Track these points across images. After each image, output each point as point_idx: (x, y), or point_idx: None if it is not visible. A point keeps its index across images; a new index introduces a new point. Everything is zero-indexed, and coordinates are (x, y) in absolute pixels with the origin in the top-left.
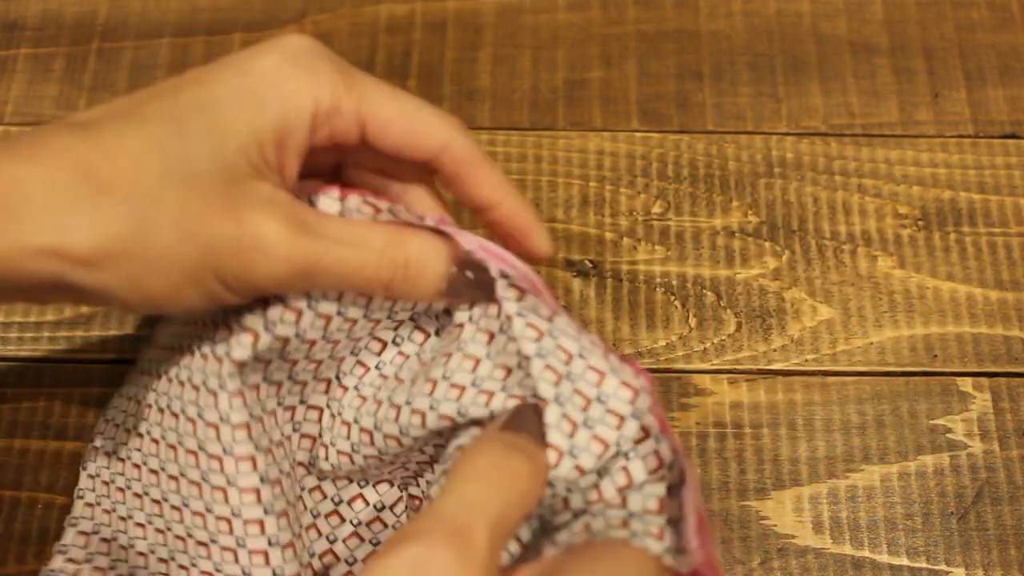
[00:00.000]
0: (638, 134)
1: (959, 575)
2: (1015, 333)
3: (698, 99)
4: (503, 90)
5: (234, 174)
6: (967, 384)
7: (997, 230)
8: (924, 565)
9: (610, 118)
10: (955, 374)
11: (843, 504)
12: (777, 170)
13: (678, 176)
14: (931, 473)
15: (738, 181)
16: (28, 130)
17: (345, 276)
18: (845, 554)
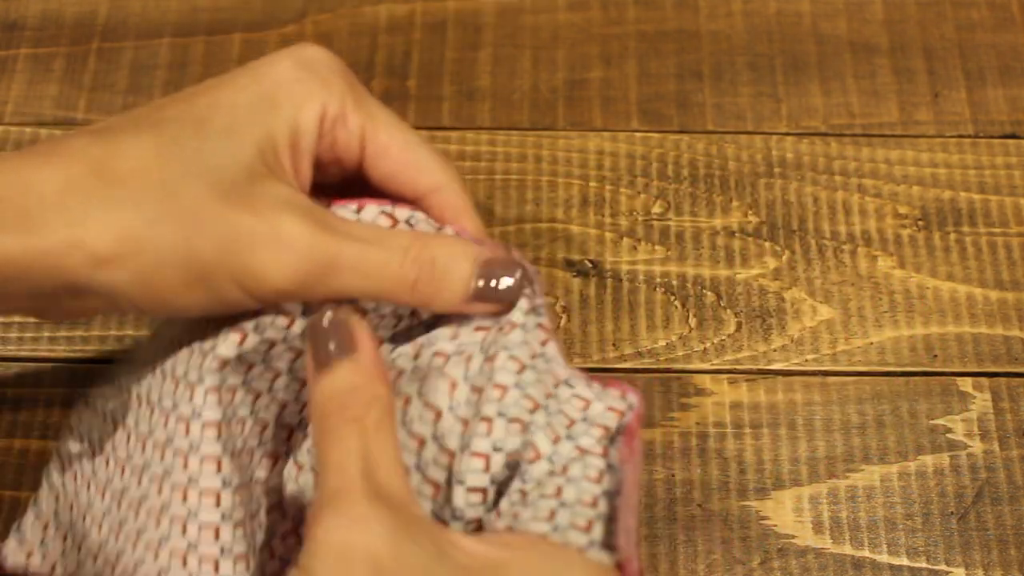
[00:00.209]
0: (638, 134)
1: (959, 575)
2: (1015, 333)
3: (698, 99)
4: (503, 90)
5: (252, 173)
6: (967, 384)
7: (997, 230)
8: (924, 565)
9: (610, 118)
10: (955, 374)
11: (843, 504)
12: (777, 170)
13: (678, 176)
14: (931, 473)
15: (738, 181)
16: (46, 138)
17: (368, 273)
18: (845, 554)
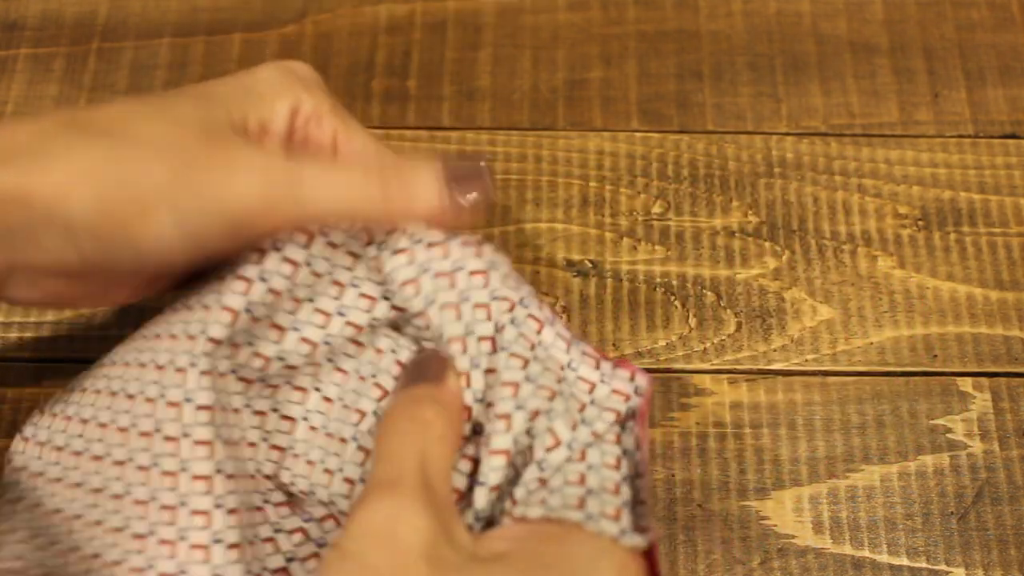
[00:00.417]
0: (638, 134)
1: (959, 575)
2: (1015, 333)
3: (698, 99)
4: (503, 90)
5: (222, 127)
6: (967, 384)
7: (997, 230)
8: (924, 565)
9: (610, 118)
10: (955, 374)
11: (843, 504)
12: (777, 170)
13: (678, 176)
14: (931, 473)
15: (738, 181)
16: None
17: (335, 186)
18: (845, 554)
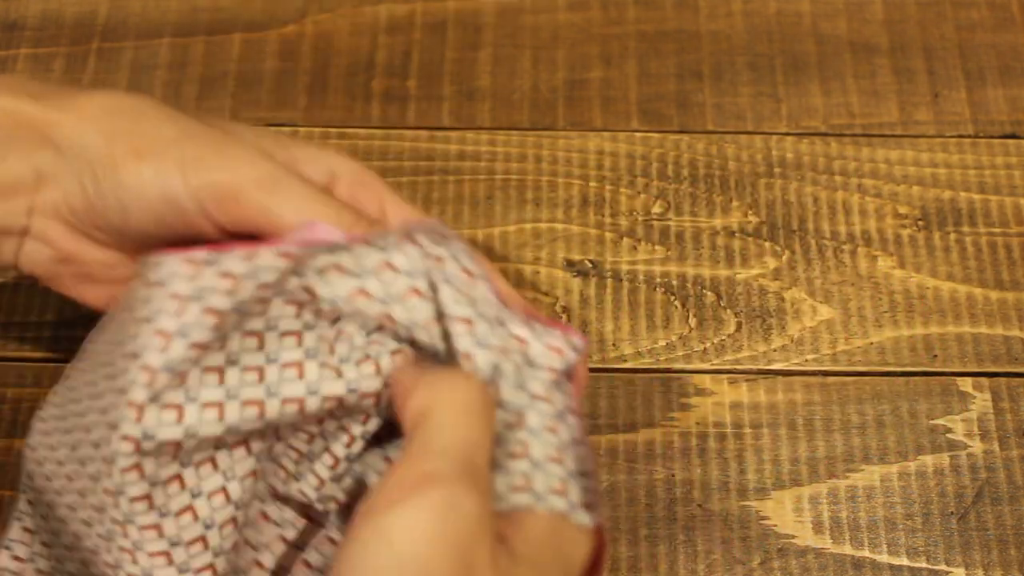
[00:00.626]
0: (638, 134)
1: (959, 575)
2: (1015, 333)
3: (698, 99)
4: (503, 90)
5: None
6: (967, 384)
7: (997, 230)
8: (924, 565)
9: (610, 118)
10: (955, 374)
11: (843, 504)
12: (777, 170)
13: (678, 176)
14: (931, 473)
15: (738, 181)
16: None
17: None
18: (845, 554)
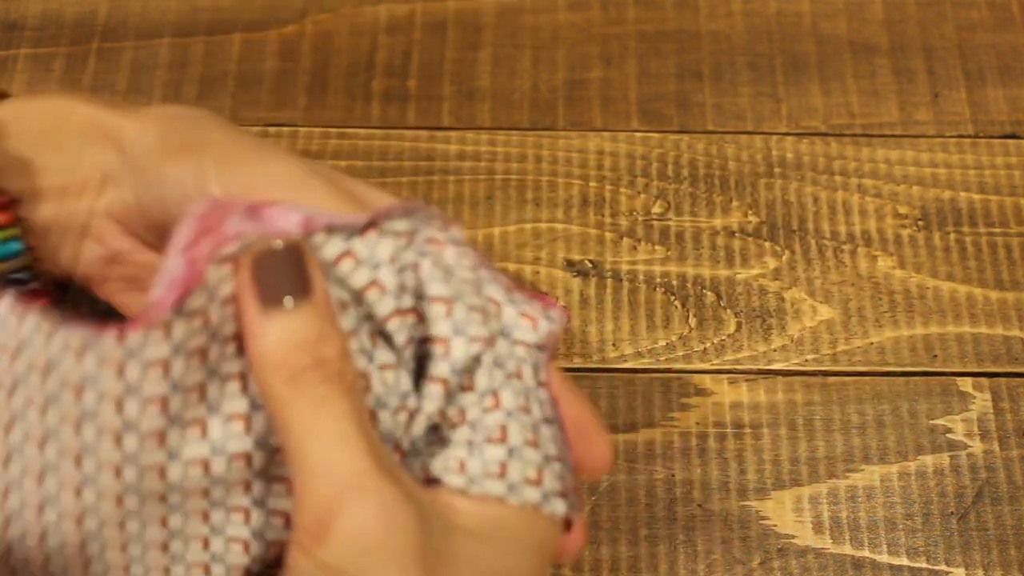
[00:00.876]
0: (638, 134)
1: (959, 575)
2: (1015, 333)
3: (698, 99)
4: (503, 90)
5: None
6: (967, 384)
7: (997, 230)
8: (924, 565)
9: (610, 118)
10: (955, 374)
11: (843, 504)
12: (777, 170)
13: (678, 176)
14: (931, 473)
15: (738, 181)
16: None
17: None
18: (845, 554)
